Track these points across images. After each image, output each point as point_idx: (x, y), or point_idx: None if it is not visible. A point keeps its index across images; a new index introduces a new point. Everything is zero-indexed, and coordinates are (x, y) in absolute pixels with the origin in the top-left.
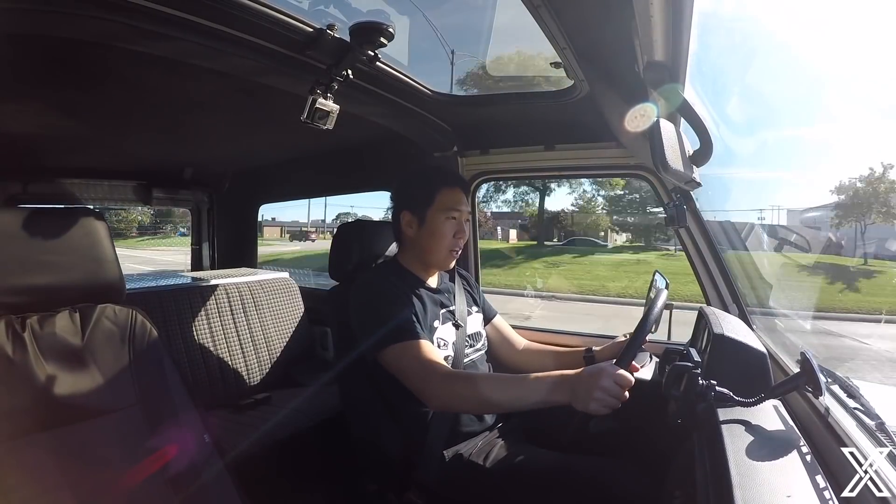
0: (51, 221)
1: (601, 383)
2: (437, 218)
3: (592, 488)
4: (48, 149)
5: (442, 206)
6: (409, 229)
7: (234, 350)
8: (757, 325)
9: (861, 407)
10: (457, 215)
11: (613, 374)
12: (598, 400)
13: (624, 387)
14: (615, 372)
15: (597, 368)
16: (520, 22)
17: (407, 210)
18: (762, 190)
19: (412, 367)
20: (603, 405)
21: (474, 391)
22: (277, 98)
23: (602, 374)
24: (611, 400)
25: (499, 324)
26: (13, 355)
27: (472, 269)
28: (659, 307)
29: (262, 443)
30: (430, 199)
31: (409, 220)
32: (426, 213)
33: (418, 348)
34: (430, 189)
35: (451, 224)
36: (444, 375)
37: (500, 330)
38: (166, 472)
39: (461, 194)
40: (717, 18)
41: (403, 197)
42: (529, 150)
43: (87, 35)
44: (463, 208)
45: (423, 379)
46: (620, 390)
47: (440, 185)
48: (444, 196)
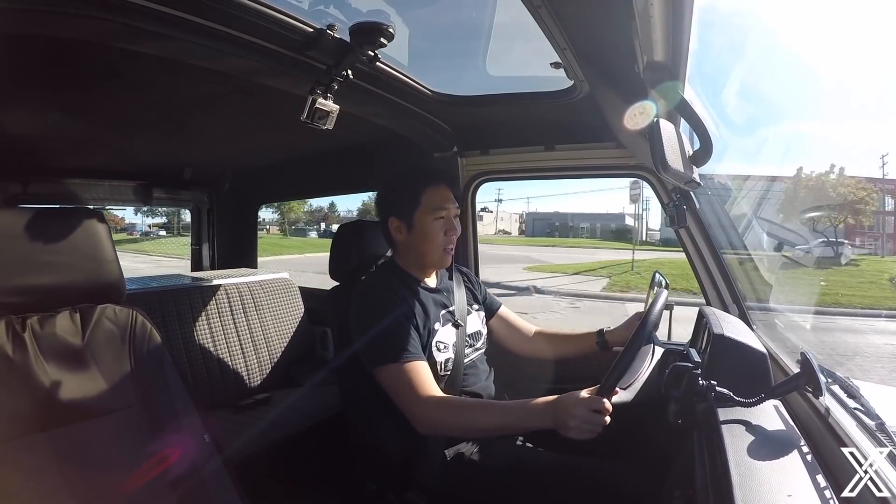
0: (51, 221)
1: (576, 412)
2: (426, 220)
3: (592, 488)
4: (48, 149)
5: (428, 208)
6: (398, 235)
7: (234, 350)
8: (756, 326)
9: (861, 407)
10: (445, 214)
11: (589, 403)
12: (575, 429)
13: (602, 413)
14: (590, 401)
15: (571, 398)
16: (520, 22)
17: (393, 216)
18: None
19: (403, 391)
20: (582, 433)
21: (461, 419)
22: (277, 98)
23: (577, 404)
24: (588, 427)
25: (505, 314)
26: (13, 355)
27: (472, 266)
28: (658, 309)
29: (262, 443)
30: (415, 201)
31: (397, 225)
32: (413, 216)
33: (410, 372)
34: (413, 191)
35: (441, 224)
36: (432, 403)
37: (508, 320)
38: (166, 472)
39: (446, 190)
40: (718, 18)
41: (388, 203)
42: (529, 151)
43: (87, 35)
44: (450, 205)
45: (411, 404)
46: (598, 417)
47: (423, 185)
48: (429, 196)
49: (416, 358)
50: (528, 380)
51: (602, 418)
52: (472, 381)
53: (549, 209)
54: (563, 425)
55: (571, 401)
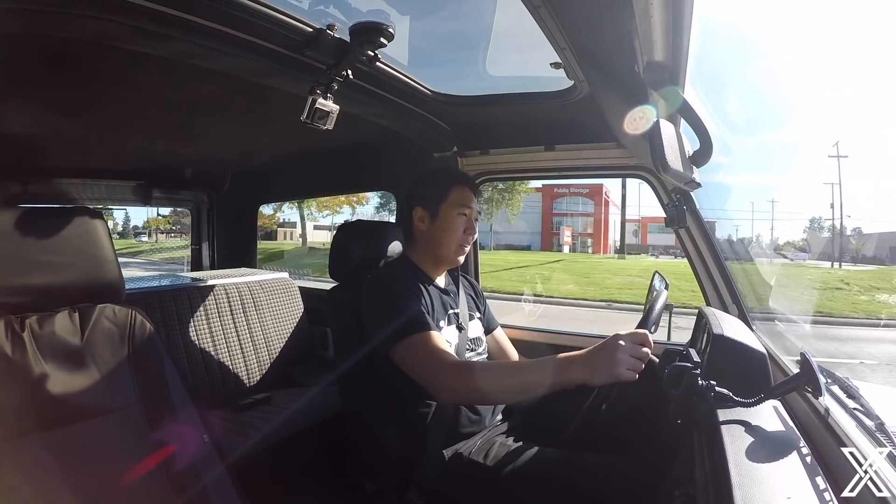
0: (50, 221)
1: (622, 350)
2: (450, 213)
3: (592, 486)
4: (48, 149)
5: (454, 202)
6: (420, 224)
7: (234, 350)
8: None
9: (861, 407)
10: (468, 212)
11: (633, 338)
12: (622, 362)
13: (644, 345)
14: (634, 336)
15: (613, 340)
16: (519, 22)
17: (420, 206)
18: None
19: (424, 359)
20: (629, 367)
21: (486, 381)
22: (277, 98)
23: (622, 341)
24: (636, 361)
25: (499, 336)
26: (12, 355)
27: (473, 273)
28: (658, 309)
29: (262, 443)
30: (443, 195)
31: (421, 215)
32: (439, 208)
33: (430, 340)
34: (443, 186)
35: (463, 220)
36: (455, 366)
37: (500, 343)
38: (166, 472)
39: (471, 194)
40: (718, 18)
41: (416, 194)
42: (529, 151)
43: (87, 35)
44: (473, 206)
45: (434, 371)
46: (644, 351)
47: (453, 182)
48: (456, 193)
49: (432, 328)
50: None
51: (646, 352)
52: None
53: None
54: (608, 368)
55: (614, 342)
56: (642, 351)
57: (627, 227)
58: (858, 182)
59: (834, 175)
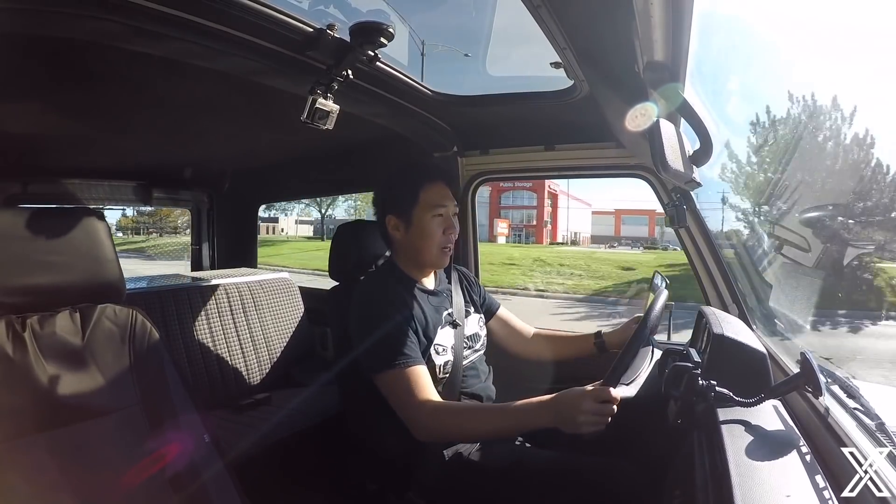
0: (51, 221)
1: (583, 406)
2: (424, 217)
3: (592, 488)
4: (48, 149)
5: (427, 205)
6: (396, 233)
7: (234, 350)
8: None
9: (861, 407)
10: (443, 211)
11: (596, 395)
12: (584, 423)
13: (610, 403)
14: (597, 392)
15: (574, 392)
16: (519, 22)
17: (391, 214)
18: None
19: (402, 398)
20: (590, 427)
21: (459, 426)
22: (277, 98)
23: (583, 397)
24: (596, 420)
25: (504, 315)
26: (13, 355)
27: (472, 267)
28: (658, 310)
29: (262, 443)
30: (413, 198)
31: (395, 223)
32: (412, 213)
33: (407, 379)
34: (412, 188)
35: (439, 221)
36: (430, 410)
37: (507, 321)
38: (166, 472)
39: (445, 188)
40: (718, 18)
41: (386, 201)
42: (529, 151)
43: (87, 35)
44: (449, 203)
45: (412, 410)
46: (606, 408)
47: (422, 181)
48: (427, 193)
49: (414, 363)
50: (527, 381)
51: (610, 408)
52: (472, 382)
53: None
54: (570, 420)
55: (576, 394)
56: (607, 408)
57: (602, 219)
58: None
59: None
